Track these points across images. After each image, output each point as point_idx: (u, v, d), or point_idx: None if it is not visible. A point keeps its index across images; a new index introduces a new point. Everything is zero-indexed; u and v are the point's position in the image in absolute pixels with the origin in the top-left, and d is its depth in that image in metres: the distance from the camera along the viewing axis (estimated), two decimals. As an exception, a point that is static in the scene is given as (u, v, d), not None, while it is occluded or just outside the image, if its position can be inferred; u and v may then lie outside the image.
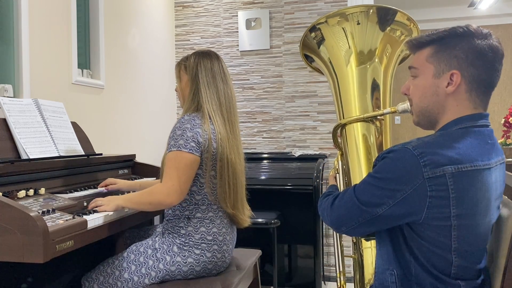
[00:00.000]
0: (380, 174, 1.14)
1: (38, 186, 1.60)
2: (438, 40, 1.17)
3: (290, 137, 3.53)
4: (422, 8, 6.59)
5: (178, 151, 1.62)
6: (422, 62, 1.19)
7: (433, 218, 1.09)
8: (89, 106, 2.62)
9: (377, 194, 1.13)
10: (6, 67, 2.09)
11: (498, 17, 6.56)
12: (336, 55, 1.61)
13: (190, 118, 1.69)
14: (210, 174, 1.68)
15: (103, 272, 1.68)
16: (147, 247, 1.69)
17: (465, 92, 1.15)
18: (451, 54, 1.14)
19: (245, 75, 3.62)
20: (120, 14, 2.97)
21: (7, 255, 1.25)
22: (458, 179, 1.07)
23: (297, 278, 3.24)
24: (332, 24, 1.60)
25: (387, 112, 1.45)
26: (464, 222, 1.09)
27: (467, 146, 1.10)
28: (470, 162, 1.08)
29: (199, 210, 1.69)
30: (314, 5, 3.47)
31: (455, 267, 1.13)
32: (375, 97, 1.57)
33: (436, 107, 1.18)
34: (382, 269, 1.19)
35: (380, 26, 1.57)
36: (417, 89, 1.21)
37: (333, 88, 1.64)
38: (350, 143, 1.55)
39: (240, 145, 1.80)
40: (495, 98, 6.75)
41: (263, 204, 3.00)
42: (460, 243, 1.11)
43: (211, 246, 1.68)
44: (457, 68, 1.14)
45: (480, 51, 1.12)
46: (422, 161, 1.07)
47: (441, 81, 1.16)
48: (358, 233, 1.23)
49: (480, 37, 1.13)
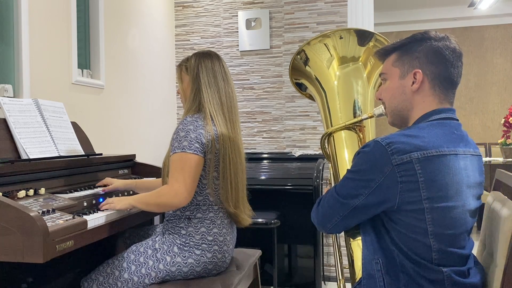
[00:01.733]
0: (355, 168, 1.24)
1: (38, 186, 1.60)
2: (400, 46, 1.30)
3: (290, 137, 3.53)
4: (422, 8, 6.59)
5: (183, 152, 1.62)
6: (389, 67, 1.33)
7: (406, 202, 1.16)
8: (89, 106, 2.62)
9: (353, 186, 1.22)
10: (6, 67, 2.09)
11: (498, 17, 6.56)
12: (320, 68, 1.73)
13: (192, 119, 1.69)
14: (212, 175, 1.68)
15: (103, 273, 1.67)
16: (147, 248, 1.69)
17: (429, 88, 1.26)
18: (413, 56, 1.27)
19: (245, 75, 3.62)
20: (120, 14, 2.97)
21: (7, 255, 1.25)
22: (424, 164, 1.15)
23: (297, 278, 3.24)
24: (313, 44, 1.72)
25: (365, 117, 1.54)
26: (435, 204, 1.16)
27: (432, 135, 1.19)
28: (435, 148, 1.17)
29: (200, 211, 1.69)
30: (314, 5, 3.47)
31: (435, 252, 1.18)
32: (358, 107, 1.67)
33: (405, 105, 1.29)
34: (368, 259, 1.23)
35: (360, 42, 1.70)
36: (387, 92, 1.33)
37: (321, 103, 1.73)
38: (338, 151, 1.64)
39: (241, 144, 1.81)
40: (495, 98, 6.75)
41: (263, 204, 2.99)
42: (435, 226, 1.17)
43: (211, 247, 1.67)
44: (418, 67, 1.26)
45: (437, 51, 1.25)
46: (389, 150, 1.16)
47: (407, 81, 1.28)
48: (342, 228, 1.31)
49: (437, 39, 1.26)
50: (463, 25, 6.67)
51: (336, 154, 1.64)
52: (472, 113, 6.78)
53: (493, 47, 6.73)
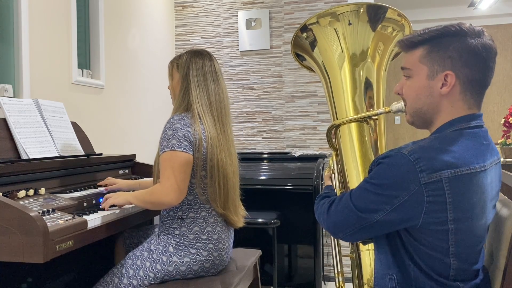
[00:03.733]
0: (376, 180, 1.12)
1: (38, 186, 1.60)
2: (430, 39, 1.15)
3: (290, 137, 3.53)
4: (422, 8, 6.59)
5: (172, 151, 1.62)
6: (415, 62, 1.17)
7: (430, 223, 1.08)
8: (89, 106, 2.62)
9: (373, 200, 1.11)
10: (6, 67, 2.09)
11: (498, 17, 6.56)
12: (329, 57, 1.60)
13: (179, 118, 1.68)
14: (201, 174, 1.68)
15: (103, 283, 1.68)
16: (143, 250, 1.69)
17: (459, 93, 1.14)
18: (445, 54, 1.12)
19: (245, 75, 3.62)
20: (120, 14, 2.97)
21: (7, 255, 1.25)
22: (454, 183, 1.06)
23: (297, 278, 3.24)
24: (324, 25, 1.59)
25: (381, 112, 1.44)
26: (461, 225, 1.09)
27: (463, 149, 1.09)
28: (466, 166, 1.07)
29: (192, 210, 1.69)
30: (314, 5, 3.47)
31: (453, 270, 1.13)
32: (368, 96, 1.56)
33: (430, 108, 1.17)
34: (381, 274, 1.18)
35: (371, 24, 1.55)
36: (411, 90, 1.19)
37: (326, 88, 1.64)
38: (345, 143, 1.54)
39: (232, 146, 1.79)
40: (495, 98, 6.75)
41: (263, 204, 3.00)
42: (458, 247, 1.11)
43: (206, 245, 1.67)
44: (451, 69, 1.12)
45: (474, 51, 1.11)
46: (418, 167, 1.06)
47: (435, 82, 1.14)
48: (355, 239, 1.21)
49: (474, 36, 1.11)
50: (463, 25, 6.66)
51: (343, 147, 1.54)
52: (472, 113, 6.78)
53: (493, 47, 6.72)
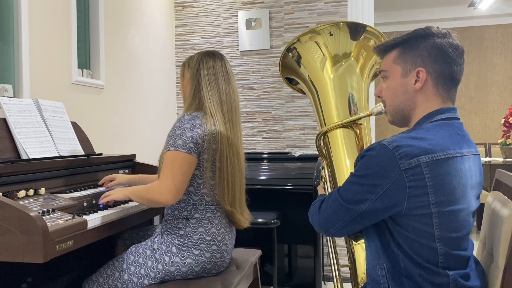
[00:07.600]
0: (360, 172, 1.19)
1: (38, 186, 1.60)
2: (402, 42, 1.26)
3: (290, 137, 3.53)
4: (422, 8, 6.59)
5: (176, 151, 1.63)
6: (390, 64, 1.28)
7: (414, 208, 1.14)
8: (89, 106, 2.62)
9: (359, 191, 1.18)
10: (6, 67, 2.09)
11: (498, 17, 6.56)
12: (313, 68, 1.68)
13: (190, 118, 1.68)
14: (208, 175, 1.68)
15: (103, 274, 1.68)
16: (146, 248, 1.69)
17: (432, 87, 1.23)
18: (416, 53, 1.23)
19: (245, 75, 3.62)
20: (120, 14, 2.97)
21: (7, 255, 1.25)
22: (432, 167, 1.13)
23: (297, 278, 3.24)
24: (304, 41, 1.68)
25: (363, 115, 1.51)
26: (443, 209, 1.14)
27: (439, 137, 1.17)
28: (442, 151, 1.14)
29: (197, 211, 1.69)
30: (314, 5, 3.47)
31: (441, 256, 1.17)
32: (353, 101, 1.63)
33: (407, 104, 1.26)
34: (372, 264, 1.22)
35: (352, 36, 1.65)
36: (388, 90, 1.29)
37: (313, 102, 1.69)
38: (334, 150, 1.60)
39: (240, 146, 1.80)
40: (495, 98, 6.75)
41: (263, 204, 3.00)
42: (442, 230, 1.16)
43: (210, 247, 1.67)
44: (422, 66, 1.22)
45: (441, 48, 1.21)
46: (397, 154, 1.13)
47: (409, 80, 1.24)
48: (346, 232, 1.26)
49: (440, 36, 1.23)
50: (463, 25, 6.67)
51: (332, 154, 1.60)
52: (472, 113, 6.78)
53: (493, 47, 6.73)
